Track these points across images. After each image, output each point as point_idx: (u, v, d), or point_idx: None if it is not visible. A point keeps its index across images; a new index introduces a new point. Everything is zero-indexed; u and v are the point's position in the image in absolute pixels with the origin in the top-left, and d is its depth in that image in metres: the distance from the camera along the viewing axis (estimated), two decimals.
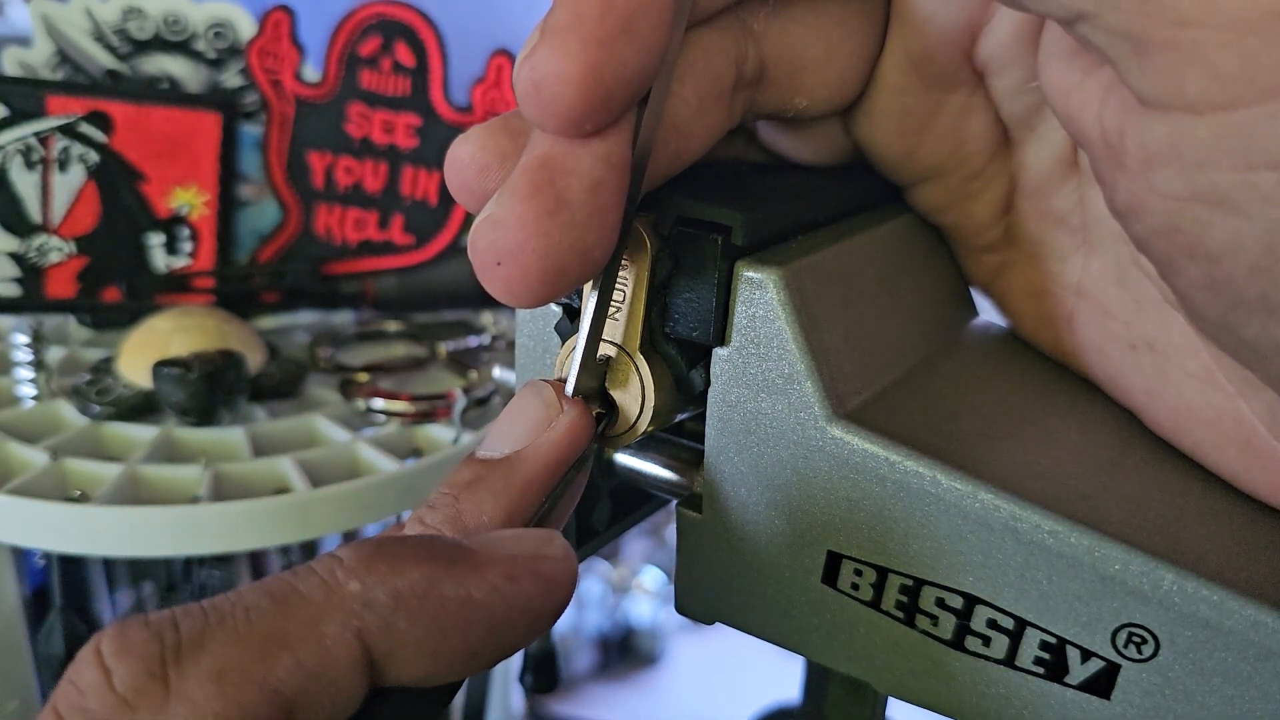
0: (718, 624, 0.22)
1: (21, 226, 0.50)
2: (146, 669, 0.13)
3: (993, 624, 0.18)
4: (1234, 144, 0.14)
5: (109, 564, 0.48)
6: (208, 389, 0.41)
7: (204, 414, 0.42)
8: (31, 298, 0.51)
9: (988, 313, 0.26)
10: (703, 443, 0.20)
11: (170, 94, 0.54)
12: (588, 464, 0.19)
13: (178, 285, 0.53)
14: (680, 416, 0.21)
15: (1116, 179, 0.17)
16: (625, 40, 0.16)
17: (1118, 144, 0.16)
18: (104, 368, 0.46)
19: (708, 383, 0.20)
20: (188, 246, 0.53)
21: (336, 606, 0.14)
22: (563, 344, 0.21)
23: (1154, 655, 0.17)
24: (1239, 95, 0.14)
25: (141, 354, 0.44)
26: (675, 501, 0.22)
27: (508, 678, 0.64)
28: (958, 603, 0.18)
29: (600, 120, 0.16)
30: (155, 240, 0.52)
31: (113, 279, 0.52)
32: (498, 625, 0.15)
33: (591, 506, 0.24)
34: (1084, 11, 0.15)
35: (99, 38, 0.55)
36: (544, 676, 0.44)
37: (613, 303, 0.19)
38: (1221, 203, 0.15)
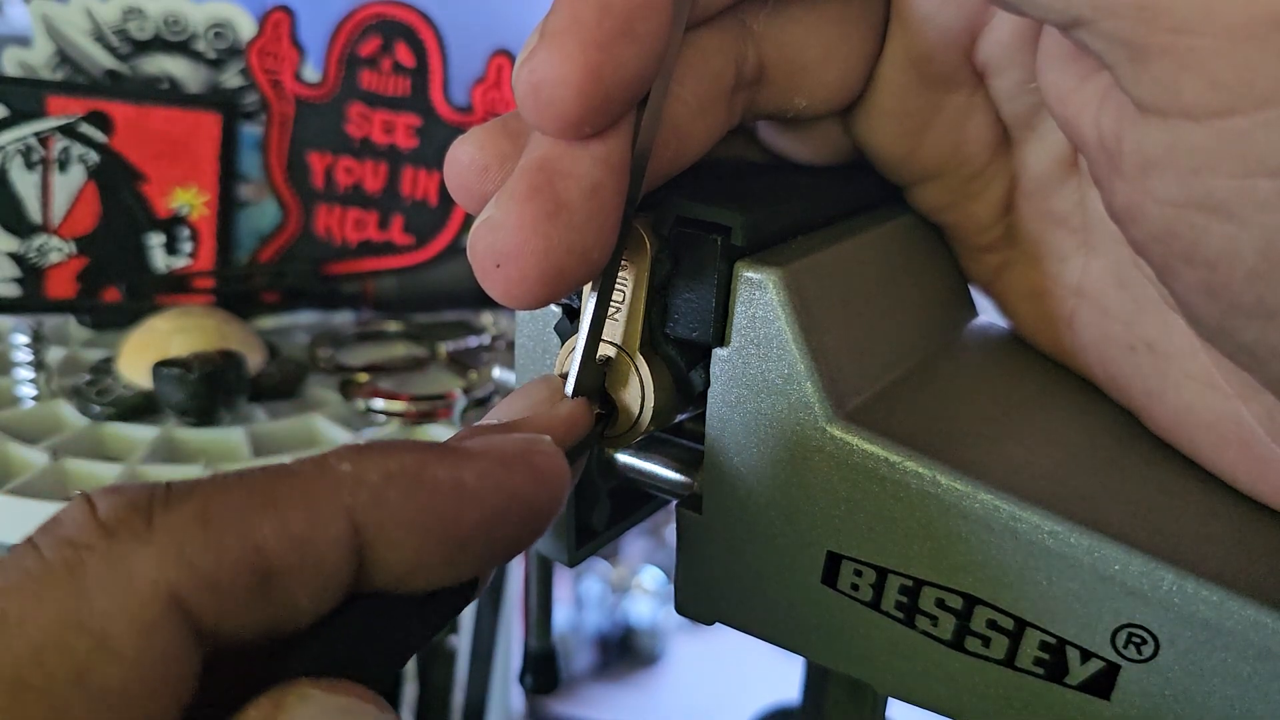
0: (718, 624, 0.22)
1: (21, 226, 0.50)
2: (132, 503, 0.12)
3: (992, 624, 0.18)
4: (1231, 150, 0.14)
5: None
6: (208, 389, 0.41)
7: (204, 414, 0.42)
8: (31, 298, 0.51)
9: (988, 313, 0.26)
10: (703, 443, 0.20)
11: (170, 94, 0.54)
12: (583, 456, 0.19)
13: (178, 285, 0.53)
14: (680, 417, 0.21)
15: (1114, 183, 0.17)
16: (624, 42, 0.16)
17: (1115, 149, 0.16)
18: (104, 368, 0.46)
19: (708, 383, 0.20)
20: (188, 247, 0.53)
21: (329, 481, 0.14)
22: (562, 344, 0.21)
23: (1154, 656, 0.17)
24: (1236, 102, 0.14)
25: (141, 354, 0.44)
26: (675, 501, 0.22)
27: (508, 678, 0.64)
28: (957, 603, 0.18)
29: (599, 123, 0.16)
30: (155, 240, 0.52)
31: (113, 279, 0.52)
32: (490, 513, 0.14)
33: (591, 506, 0.24)
34: (1081, 17, 0.15)
35: (99, 38, 0.55)
36: (544, 676, 0.43)
37: (612, 303, 0.19)
38: (1218, 209, 0.15)
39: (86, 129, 0.50)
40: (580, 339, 0.19)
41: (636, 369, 0.19)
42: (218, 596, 0.12)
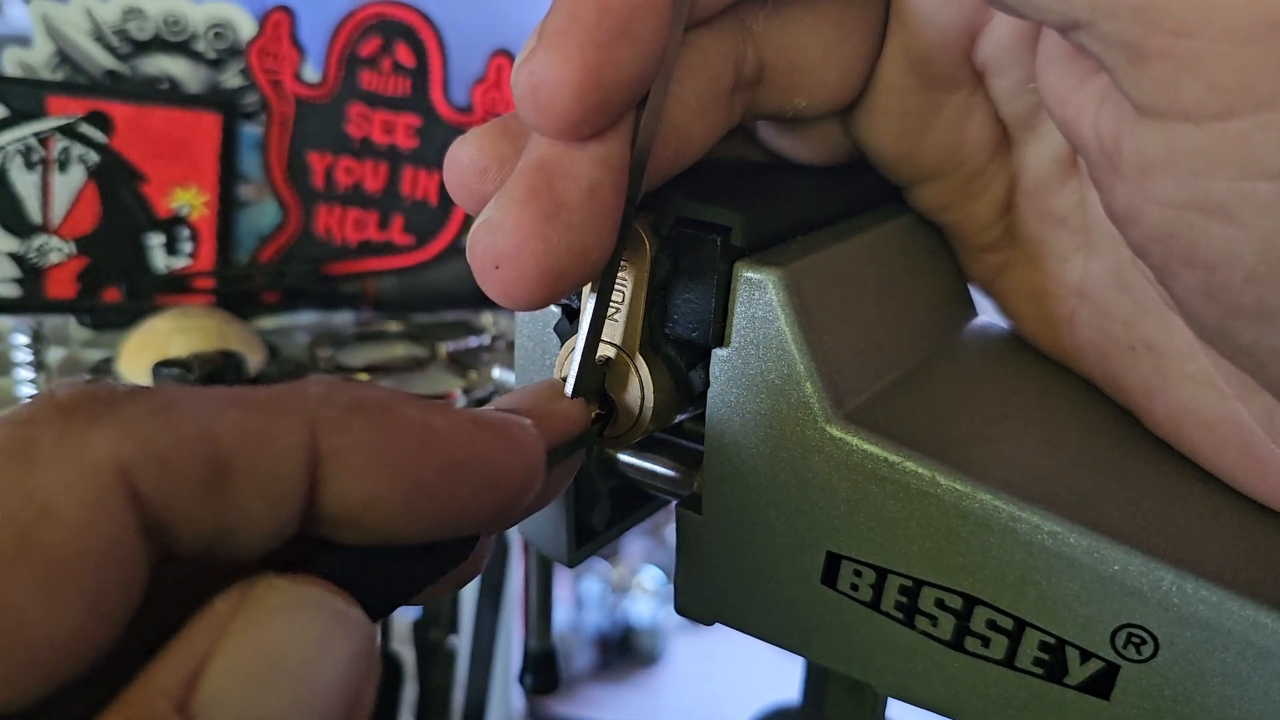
0: (718, 624, 0.22)
1: (21, 227, 0.50)
2: (92, 392, 0.12)
3: (992, 624, 0.18)
4: (1229, 153, 0.14)
5: None
6: None
7: None
8: (31, 298, 0.51)
9: (988, 313, 0.26)
10: (703, 443, 0.20)
11: (170, 94, 0.54)
12: (579, 451, 0.19)
13: (178, 285, 0.53)
14: (680, 417, 0.21)
15: (1113, 185, 0.17)
16: (623, 43, 0.16)
17: (1114, 151, 0.16)
18: (104, 368, 0.46)
19: (707, 383, 0.20)
20: (188, 247, 0.53)
21: (295, 394, 0.13)
22: (562, 344, 0.21)
23: (1153, 656, 0.17)
24: (1234, 105, 0.14)
25: (141, 354, 0.44)
26: (675, 501, 0.22)
27: (508, 678, 0.64)
28: (957, 603, 0.18)
29: (598, 124, 0.16)
30: (155, 240, 0.52)
31: (113, 279, 0.52)
32: (455, 463, 0.14)
33: (591, 507, 0.24)
34: (1080, 20, 0.15)
35: (99, 38, 0.55)
36: (544, 676, 0.44)
37: (612, 303, 0.19)
38: (1217, 211, 0.15)
39: (86, 129, 0.50)
40: (580, 339, 0.19)
41: (636, 369, 0.19)
42: (168, 477, 0.12)
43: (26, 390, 0.44)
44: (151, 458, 0.12)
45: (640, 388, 0.19)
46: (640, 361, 0.19)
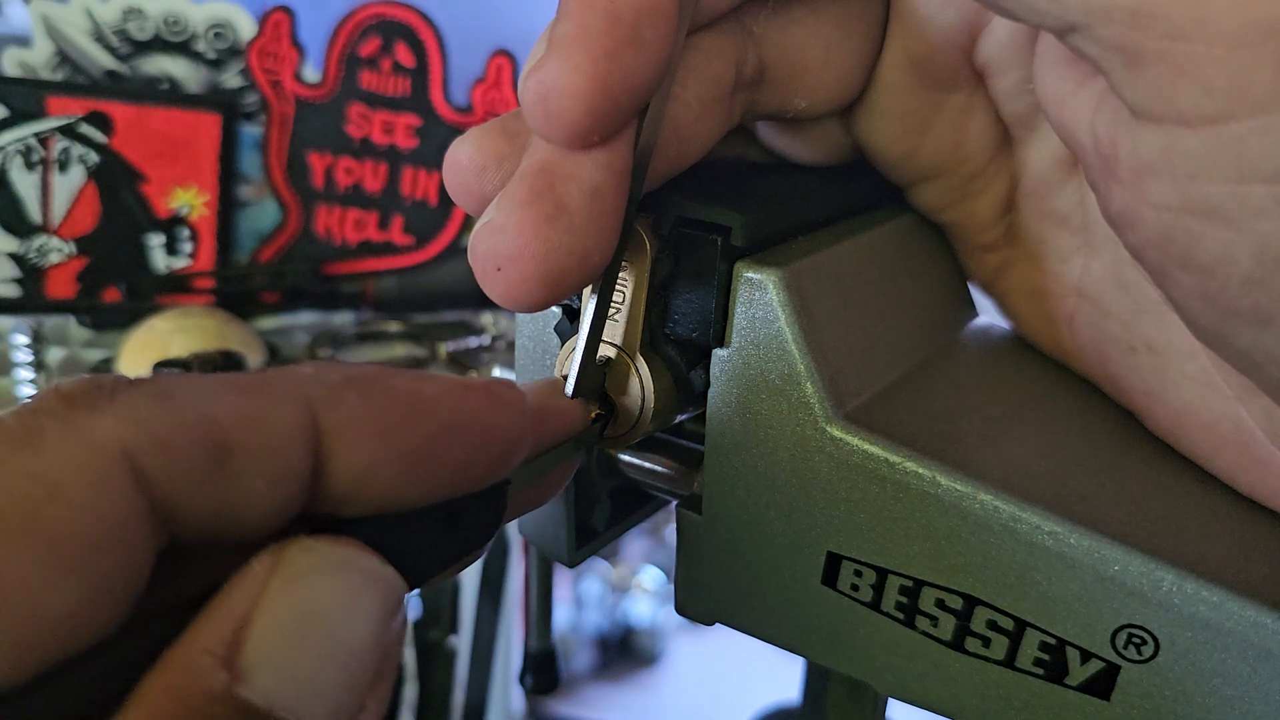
0: (718, 624, 0.22)
1: (21, 227, 0.50)
2: (96, 382, 0.13)
3: (992, 625, 0.18)
4: (1225, 157, 0.14)
5: None
6: None
7: None
8: (31, 298, 0.51)
9: (988, 312, 0.26)
10: (703, 443, 0.20)
11: (170, 94, 0.54)
12: (578, 452, 0.19)
13: (178, 285, 0.53)
14: (680, 417, 0.21)
15: (1110, 188, 0.17)
16: (632, 51, 0.16)
17: (1111, 154, 0.16)
18: (104, 368, 0.46)
19: (708, 383, 0.20)
20: (188, 247, 0.53)
21: (289, 375, 0.14)
22: (562, 345, 0.21)
23: (1153, 656, 0.17)
24: (1230, 108, 0.14)
25: (141, 354, 0.44)
26: (675, 501, 0.22)
27: (508, 678, 0.64)
28: (957, 603, 0.18)
29: (606, 131, 0.16)
30: (155, 240, 0.52)
31: (113, 279, 0.52)
32: (447, 427, 0.15)
33: (591, 507, 0.24)
34: (1076, 23, 0.15)
35: (99, 38, 0.55)
36: (544, 676, 0.43)
37: (613, 304, 0.19)
38: (1213, 215, 0.15)
39: (86, 129, 0.50)
40: (580, 339, 0.19)
41: (637, 369, 0.19)
42: (172, 459, 0.12)
43: (26, 390, 0.44)
44: (154, 440, 0.12)
45: (641, 388, 0.19)
46: (641, 362, 0.19)
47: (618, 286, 0.19)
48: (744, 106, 0.21)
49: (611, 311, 0.19)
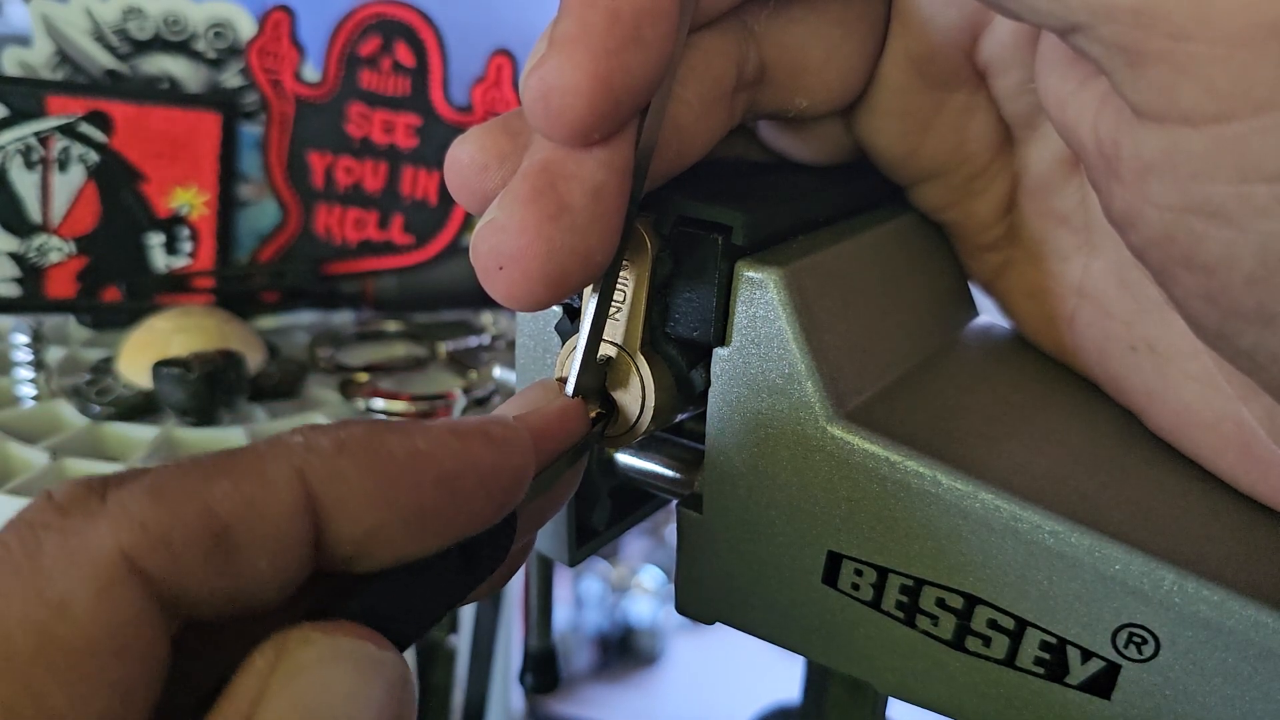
0: (718, 624, 0.22)
1: (21, 226, 0.50)
2: (86, 485, 0.13)
3: (993, 624, 0.18)
4: (1228, 156, 0.14)
5: None
6: (208, 389, 0.41)
7: (204, 414, 0.42)
8: (31, 298, 0.51)
9: (989, 312, 0.26)
10: (703, 443, 0.20)
11: (170, 94, 0.54)
12: (582, 458, 0.19)
13: (178, 285, 0.53)
14: (681, 416, 0.21)
15: (1112, 188, 0.17)
16: (633, 49, 0.16)
17: (1113, 154, 0.16)
18: (104, 368, 0.46)
19: (708, 383, 0.20)
20: (188, 246, 0.53)
21: (280, 449, 0.14)
22: (563, 344, 0.21)
23: (1154, 655, 0.17)
24: (1232, 108, 0.14)
25: (141, 354, 0.44)
26: (675, 501, 0.22)
27: (508, 678, 0.64)
28: (958, 603, 0.18)
29: (608, 129, 0.16)
30: (155, 240, 0.52)
31: (113, 279, 0.52)
32: (447, 478, 0.14)
33: (591, 506, 0.24)
34: (1079, 23, 0.15)
35: (99, 38, 0.55)
36: (544, 676, 0.43)
37: (613, 303, 0.19)
38: (1216, 214, 0.15)
39: (86, 129, 0.50)
40: (581, 339, 0.19)
41: (637, 369, 0.19)
42: (172, 556, 0.12)
43: (26, 390, 0.44)
44: (152, 540, 0.12)
45: (641, 387, 0.19)
46: (641, 361, 0.19)
47: (618, 285, 0.19)
48: (745, 106, 0.21)
49: (612, 311, 0.19)
